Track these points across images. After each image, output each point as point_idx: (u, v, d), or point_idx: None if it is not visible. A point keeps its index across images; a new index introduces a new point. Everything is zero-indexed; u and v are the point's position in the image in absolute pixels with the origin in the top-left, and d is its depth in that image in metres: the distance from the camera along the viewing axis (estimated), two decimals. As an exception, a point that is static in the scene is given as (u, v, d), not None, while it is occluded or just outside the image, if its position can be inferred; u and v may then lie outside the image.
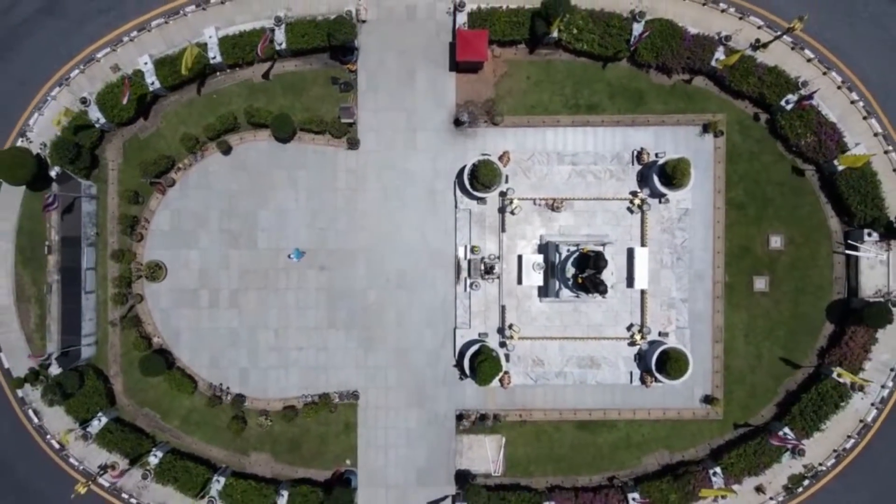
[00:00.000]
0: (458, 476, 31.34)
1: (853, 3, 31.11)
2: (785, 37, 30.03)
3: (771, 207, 31.09)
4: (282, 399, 31.68)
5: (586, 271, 28.00)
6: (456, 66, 30.89)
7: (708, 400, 31.32)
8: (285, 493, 30.36)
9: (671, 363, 29.21)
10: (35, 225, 31.49)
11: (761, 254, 31.21)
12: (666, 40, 29.68)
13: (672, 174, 28.80)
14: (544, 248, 30.54)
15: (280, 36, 30.23)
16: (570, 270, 28.94)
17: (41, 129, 31.24)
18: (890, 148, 30.54)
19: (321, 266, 31.33)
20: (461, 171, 30.44)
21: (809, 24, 30.19)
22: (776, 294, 31.23)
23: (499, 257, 30.85)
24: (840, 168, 29.68)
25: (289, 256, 31.50)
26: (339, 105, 31.18)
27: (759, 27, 30.61)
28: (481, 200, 30.74)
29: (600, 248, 28.38)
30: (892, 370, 30.58)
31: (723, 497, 29.68)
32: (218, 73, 31.56)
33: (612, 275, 29.06)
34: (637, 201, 30.48)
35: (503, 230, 30.85)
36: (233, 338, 31.65)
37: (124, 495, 31.64)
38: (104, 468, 31.17)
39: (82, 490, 29.44)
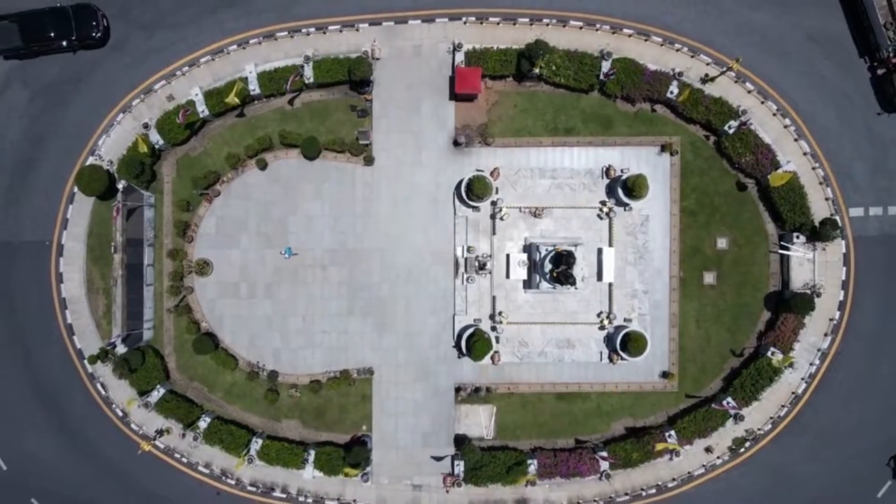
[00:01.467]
0: (456, 439, 37.07)
1: (786, 45, 36.94)
2: (729, 72, 36.09)
3: (718, 214, 36.96)
4: (309, 374, 37.67)
5: (560, 267, 34.13)
6: (455, 96, 36.58)
7: (665, 375, 37.25)
8: (312, 453, 36.35)
9: (633, 343, 35.21)
10: (103, 228, 37.44)
11: (710, 253, 37.11)
12: (629, 76, 35.59)
13: (632, 187, 34.84)
14: (528, 248, 36.53)
15: (308, 71, 36.14)
16: (548, 266, 35.02)
17: (108, 149, 37.18)
18: (816, 165, 36.45)
19: (341, 263, 37.43)
20: (459, 184, 36.35)
21: (750, 61, 36.37)
22: (722, 286, 37.14)
23: (490, 256, 36.88)
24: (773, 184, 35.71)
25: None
26: (357, 129, 37.10)
27: (707, 64, 36.47)
28: (476, 209, 36.71)
29: (572, 248, 34.47)
30: (818, 350, 36.55)
31: (674, 452, 35.67)
32: (256, 102, 37.44)
33: (582, 270, 35.10)
34: (605, 209, 36.49)
35: (494, 233, 36.87)
36: (268, 323, 37.64)
37: (177, 455, 37.81)
38: (160, 432, 37.31)
39: (147, 447, 35.56)
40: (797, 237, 35.82)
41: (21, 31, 36.16)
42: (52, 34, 36.33)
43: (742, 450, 37.02)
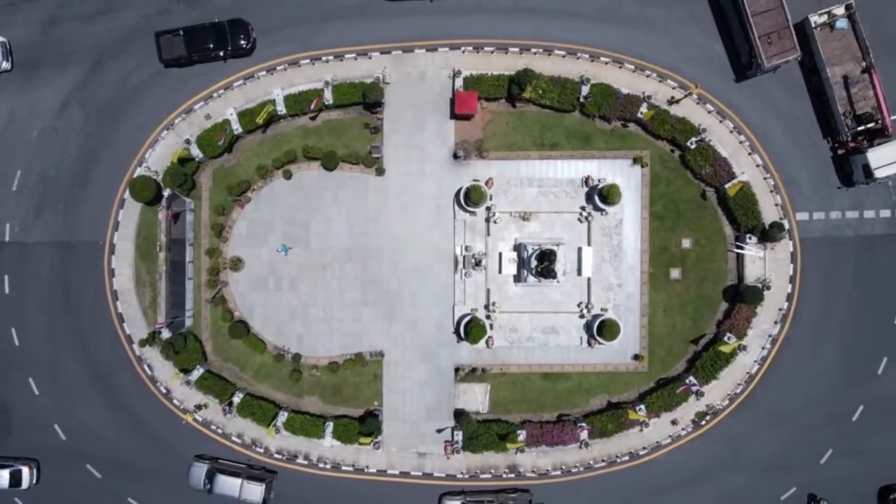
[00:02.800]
0: (455, 413, 42.53)
1: (741, 73, 42.51)
2: (691, 95, 41.61)
3: (682, 218, 42.39)
4: (328, 357, 43.24)
5: (544, 263, 39.84)
6: (454, 115, 41.93)
7: (636, 357, 42.72)
8: (331, 424, 41.98)
9: (608, 330, 40.82)
10: (149, 230, 43.02)
11: (675, 252, 42.58)
12: (605, 98, 41.02)
13: (607, 195, 40.47)
14: (517, 248, 42.12)
15: (328, 94, 41.58)
16: (534, 263, 40.72)
17: (154, 161, 42.85)
18: (767, 175, 41.95)
19: (356, 260, 43.08)
20: (458, 192, 41.87)
21: (710, 86, 41.89)
22: (686, 281, 42.65)
23: (485, 254, 42.48)
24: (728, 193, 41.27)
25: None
26: (370, 144, 42.68)
27: (673, 88, 41.87)
28: (472, 213, 42.23)
29: (554, 248, 40.17)
30: (769, 336, 42.11)
31: (644, 424, 41.24)
32: (282, 120, 43.01)
33: (563, 266, 40.77)
34: (585, 214, 42.07)
35: (488, 234, 42.46)
36: (292, 312, 43.21)
37: (213, 426, 43.52)
38: (199, 406, 43.05)
39: (189, 419, 41.39)
40: (750, 238, 41.28)
41: (186, 42, 41.54)
42: (211, 45, 41.55)
43: (703, 422, 42.48)
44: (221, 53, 41.95)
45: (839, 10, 39.84)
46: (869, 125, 40.28)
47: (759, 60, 39.55)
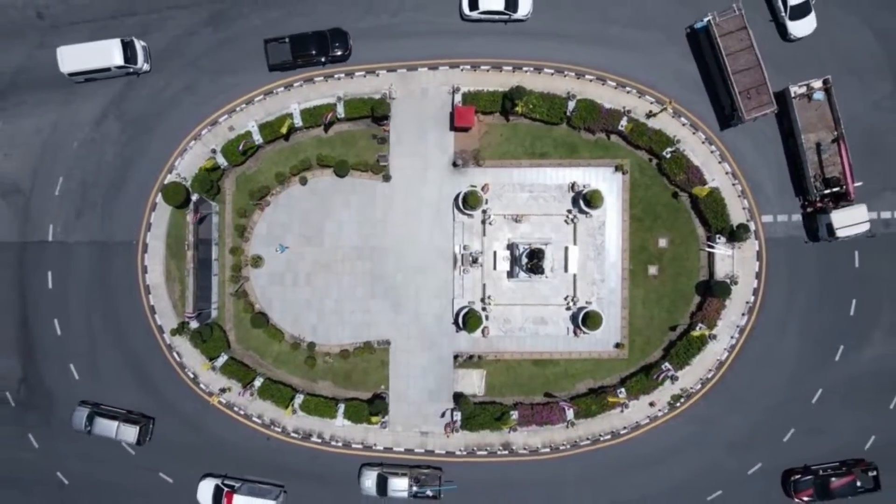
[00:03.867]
0: (454, 396, 46.95)
1: (713, 88, 47.03)
2: (667, 109, 46.13)
3: (659, 220, 46.79)
4: (339, 345, 47.73)
5: (533, 261, 44.49)
6: (454, 128, 46.34)
7: (618, 346, 47.11)
8: (342, 405, 46.57)
9: (591, 321, 45.27)
10: (178, 230, 47.45)
11: (653, 250, 47.03)
12: (589, 112, 45.41)
13: (590, 199, 45.06)
14: (510, 247, 46.56)
15: (340, 108, 45.98)
16: (525, 260, 45.36)
17: (183, 168, 47.44)
18: (735, 182, 46.45)
19: (364, 258, 47.67)
20: (457, 196, 46.32)
21: (685, 101, 46.44)
22: (663, 277, 47.11)
23: (481, 252, 46.97)
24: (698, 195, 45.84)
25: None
26: (378, 153, 47.19)
27: (651, 103, 46.31)
28: (470, 215, 46.67)
29: (542, 247, 44.78)
30: (737, 326, 46.63)
31: (624, 405, 45.78)
32: (298, 132, 47.68)
33: (550, 263, 45.39)
34: (571, 216, 46.57)
35: (484, 234, 46.92)
36: (307, 305, 47.66)
37: (236, 408, 48.18)
38: (223, 390, 47.70)
39: (215, 401, 46.08)
40: (719, 238, 45.76)
41: (291, 49, 45.64)
42: (314, 52, 45.44)
43: (678, 404, 46.88)
44: (322, 59, 46.01)
45: (817, 84, 44.05)
46: (835, 189, 44.37)
47: (739, 113, 43.97)
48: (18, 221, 48.14)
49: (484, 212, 46.56)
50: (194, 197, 46.50)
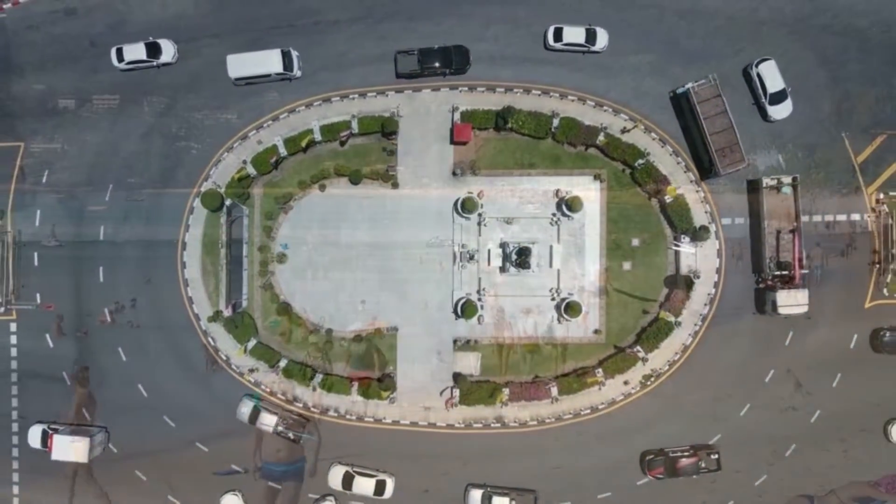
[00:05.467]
0: (454, 375, 53.74)
1: (679, 107, 53.74)
2: (639, 125, 52.89)
3: (632, 222, 53.42)
4: (353, 331, 54.60)
5: (522, 257, 51.47)
6: (453, 141, 52.99)
7: (596, 332, 54.05)
8: (356, 384, 53.66)
9: (572, 309, 52.02)
10: (213, 230, 54.13)
11: (627, 249, 53.66)
12: (571, 129, 52.02)
13: (572, 204, 51.97)
14: (502, 245, 53.31)
15: (354, 125, 52.84)
16: (515, 257, 52.28)
17: (218, 176, 54.39)
18: (699, 189, 53.34)
19: (375, 255, 54.47)
20: (456, 201, 53.04)
21: (655, 117, 53.25)
22: (636, 271, 53.72)
23: (477, 250, 53.88)
24: (668, 199, 52.57)
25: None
26: (387, 164, 53.97)
27: (625, 120, 53.12)
28: (467, 218, 53.47)
29: (529, 245, 51.63)
30: (700, 315, 53.44)
31: (602, 384, 52.61)
32: (317, 145, 54.54)
33: (537, 259, 52.28)
34: (555, 219, 53.46)
35: (480, 234, 53.76)
36: (325, 296, 54.40)
37: (263, 386, 55.10)
38: (252, 370, 54.60)
39: (245, 380, 53.07)
40: (684, 238, 52.56)
41: (419, 60, 51.79)
42: (438, 64, 51.54)
43: (649, 382, 53.72)
44: (446, 72, 52.00)
45: (787, 180, 50.78)
46: (785, 272, 50.80)
47: (716, 168, 50.70)
48: (74, 223, 55.04)
49: (479, 215, 53.33)
50: (227, 202, 53.35)
